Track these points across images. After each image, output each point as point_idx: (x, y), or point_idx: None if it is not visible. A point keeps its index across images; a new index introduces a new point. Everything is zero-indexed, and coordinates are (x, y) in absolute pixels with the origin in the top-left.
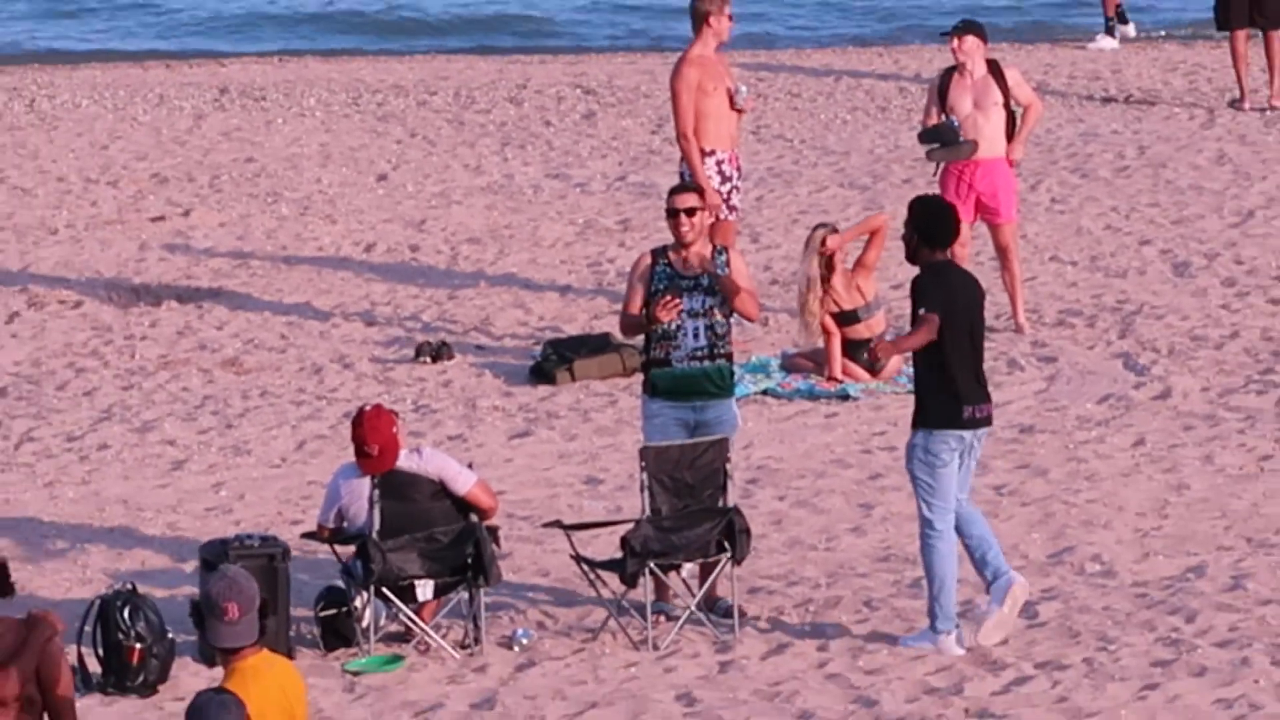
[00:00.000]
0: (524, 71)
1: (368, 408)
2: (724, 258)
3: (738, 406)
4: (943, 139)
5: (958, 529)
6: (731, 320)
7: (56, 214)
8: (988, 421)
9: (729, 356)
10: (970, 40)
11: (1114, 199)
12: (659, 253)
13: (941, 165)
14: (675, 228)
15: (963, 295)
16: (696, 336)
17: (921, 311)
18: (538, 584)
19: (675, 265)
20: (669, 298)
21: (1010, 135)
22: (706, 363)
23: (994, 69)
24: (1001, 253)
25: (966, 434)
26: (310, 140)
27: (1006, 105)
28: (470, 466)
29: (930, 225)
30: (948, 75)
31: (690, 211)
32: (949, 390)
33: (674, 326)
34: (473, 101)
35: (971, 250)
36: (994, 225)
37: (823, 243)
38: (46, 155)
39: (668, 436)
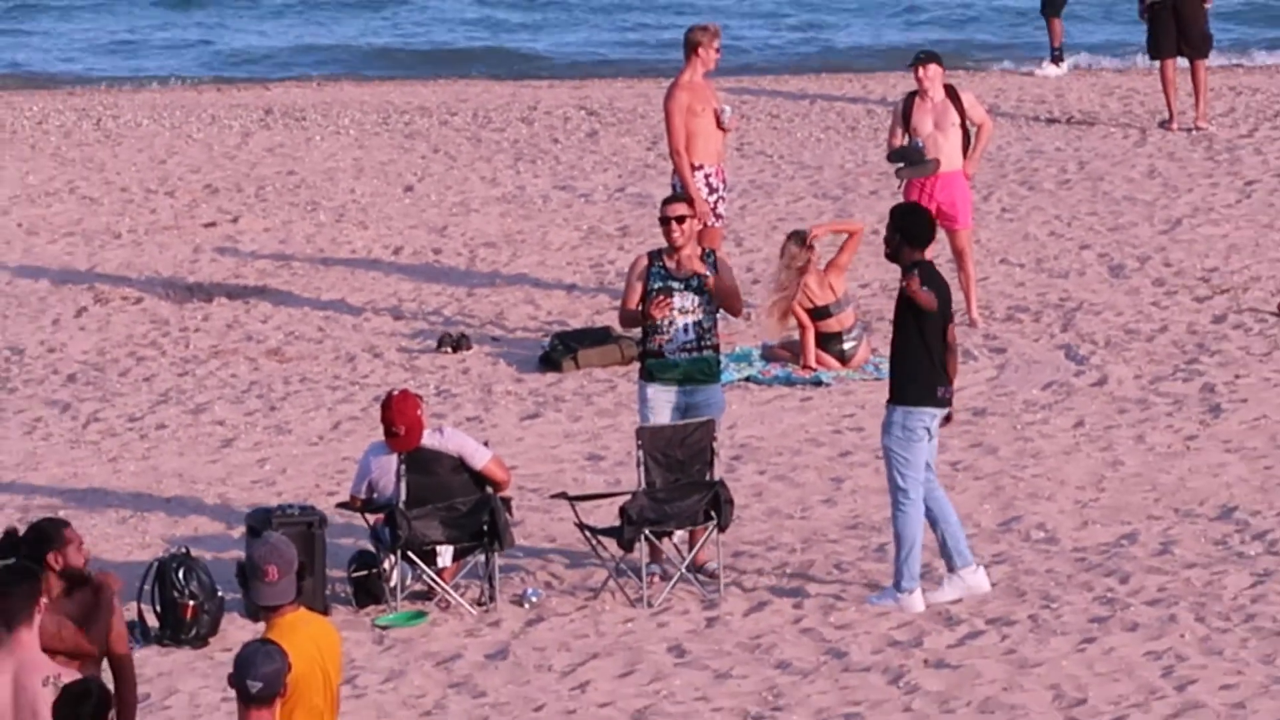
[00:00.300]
0: (534, 95)
1: (395, 392)
2: (712, 260)
3: (723, 391)
4: (909, 159)
5: (931, 517)
6: (717, 316)
7: (120, 220)
8: (950, 402)
9: (715, 348)
10: (933, 68)
11: (1057, 208)
12: (654, 255)
13: (906, 180)
14: (668, 234)
15: (943, 292)
16: (686, 331)
17: (925, 289)
18: (546, 548)
19: (668, 267)
20: (662, 298)
21: (966, 152)
22: (695, 353)
23: (951, 93)
24: (958, 255)
25: (939, 411)
26: (345, 155)
27: (963, 125)
28: (486, 444)
29: (912, 227)
30: (910, 99)
31: (680, 219)
32: (927, 372)
33: (667, 322)
34: (489, 121)
35: (932, 253)
36: (952, 231)
37: (804, 240)
38: (111, 168)
39: (661, 418)
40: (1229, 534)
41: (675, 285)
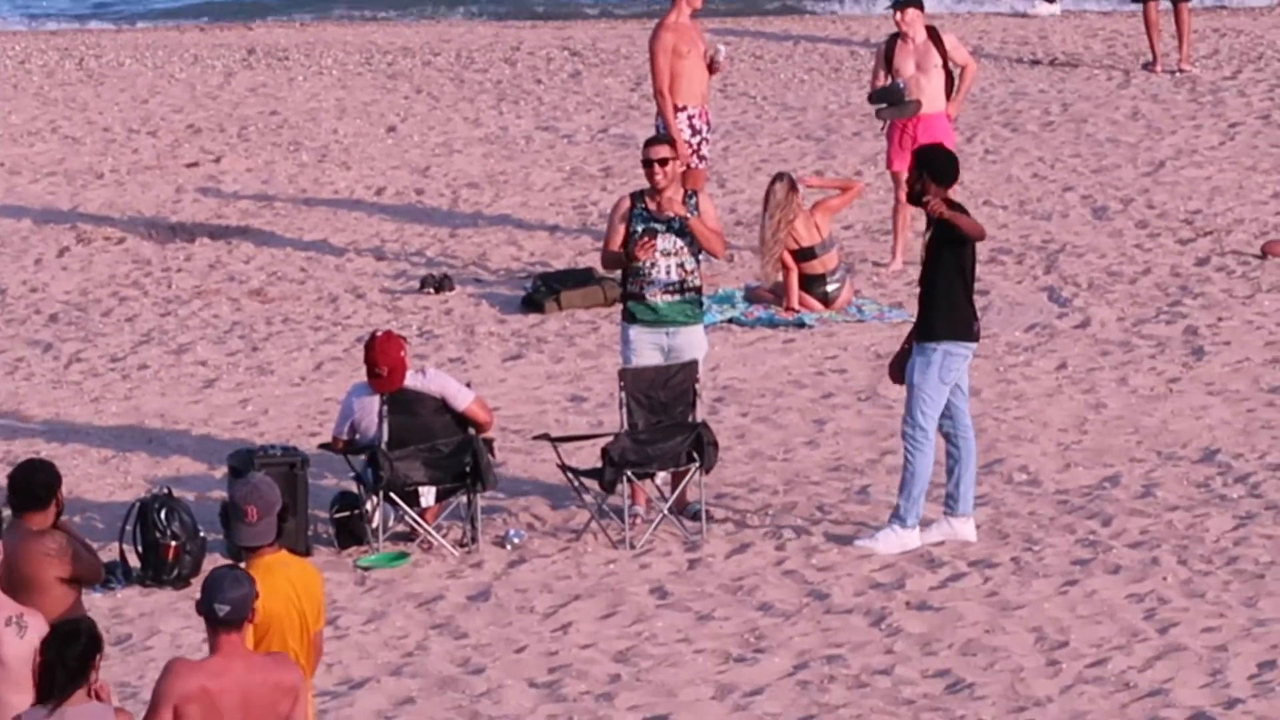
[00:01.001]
0: (517, 35)
1: (379, 333)
2: (694, 201)
3: (705, 332)
4: (890, 99)
5: (955, 454)
6: (700, 257)
7: (102, 160)
8: (980, 336)
9: (698, 289)
10: (911, 12)
11: (1040, 150)
12: (637, 196)
13: (888, 121)
14: (650, 175)
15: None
16: (669, 273)
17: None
18: (528, 490)
19: (650, 209)
20: (646, 239)
21: (949, 94)
22: (677, 295)
23: (933, 35)
24: None
25: (974, 347)
26: (328, 96)
27: (945, 67)
28: (469, 385)
29: (937, 166)
30: (892, 41)
31: (663, 161)
32: (965, 306)
33: (649, 264)
34: (472, 62)
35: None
36: None
37: (793, 185)
38: (94, 108)
39: (644, 360)
40: (1211, 476)
41: (658, 227)
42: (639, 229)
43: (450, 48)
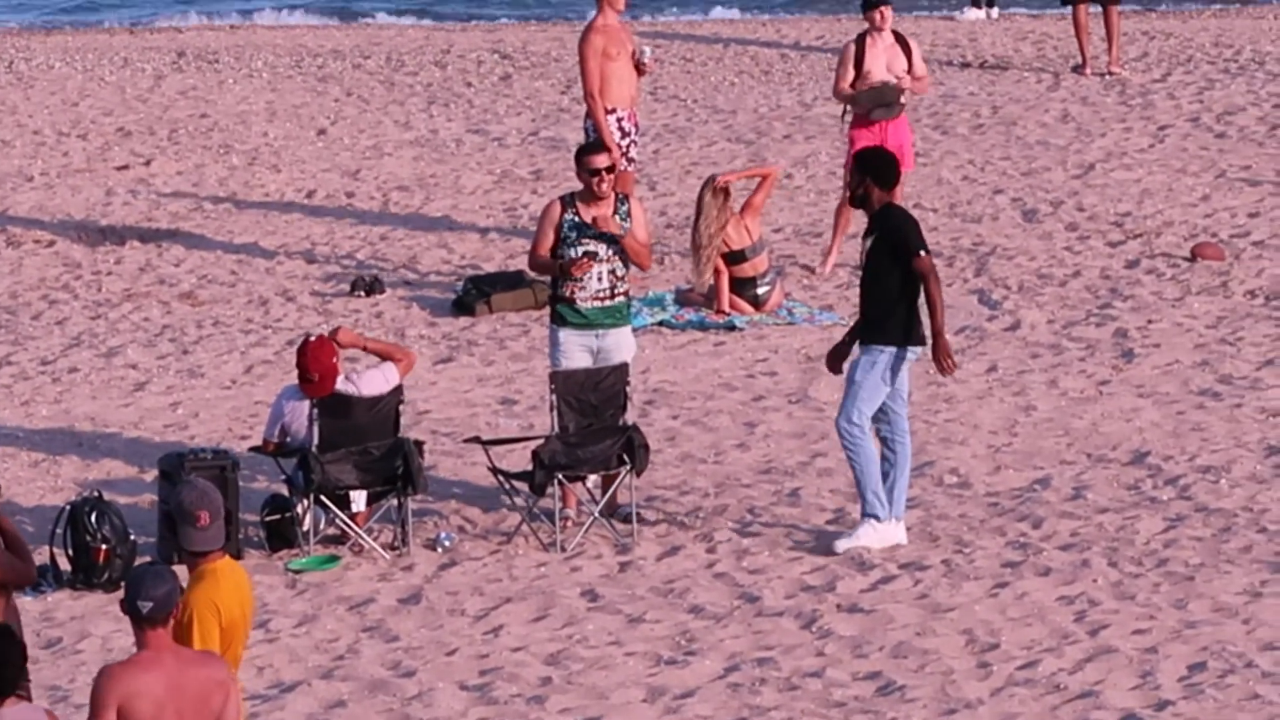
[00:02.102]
0: (447, 38)
1: (312, 338)
2: (626, 207)
3: (635, 335)
4: (884, 99)
5: (891, 458)
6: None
7: (32, 163)
8: (924, 340)
9: (626, 294)
10: (888, 10)
11: (970, 153)
12: (568, 202)
13: (849, 121)
14: (596, 185)
15: (916, 226)
16: (600, 280)
17: (922, 254)
18: (459, 493)
19: (582, 215)
20: (585, 260)
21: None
22: (607, 301)
23: (899, 38)
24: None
25: (920, 350)
26: (258, 99)
27: (909, 73)
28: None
29: (881, 171)
30: (862, 40)
31: (610, 169)
32: (912, 310)
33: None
34: (402, 65)
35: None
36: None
37: (712, 180)
38: (23, 111)
39: (573, 362)
40: (1141, 479)
41: (589, 233)
42: (573, 236)
43: (380, 50)
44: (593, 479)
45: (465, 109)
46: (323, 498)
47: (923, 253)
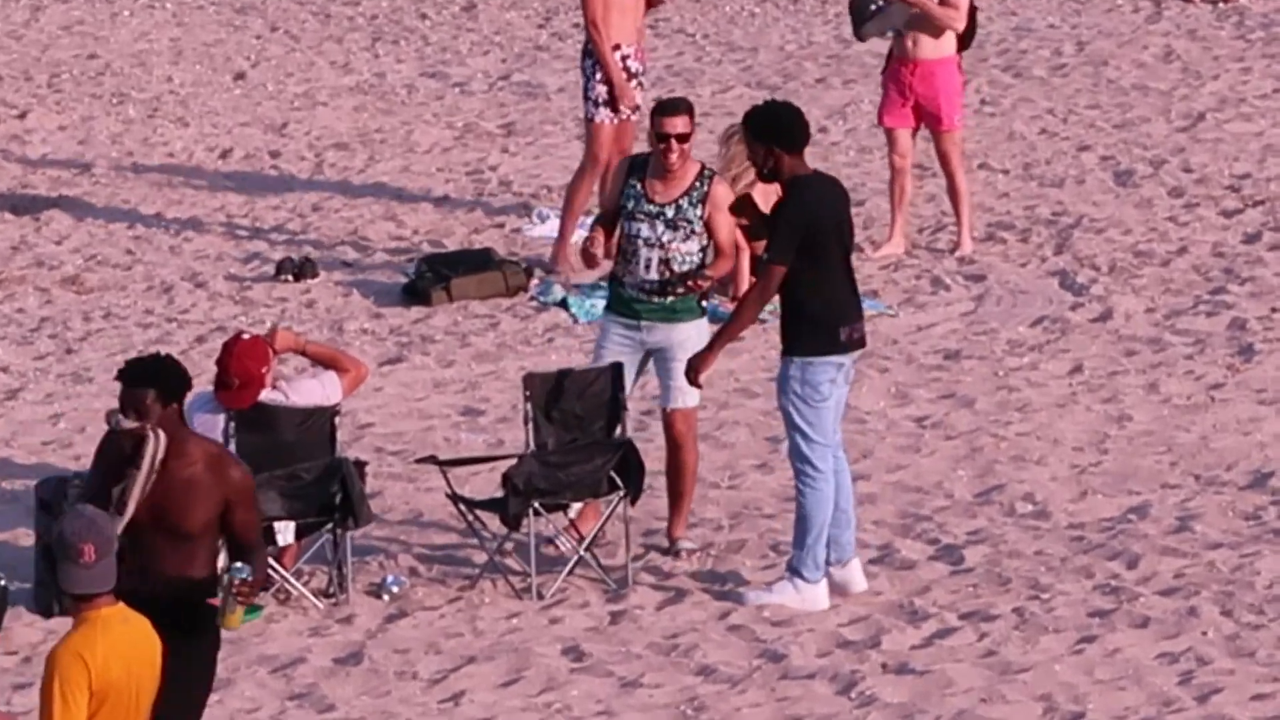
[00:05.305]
0: None
1: (245, 336)
2: (704, 189)
3: (700, 326)
4: (863, 11)
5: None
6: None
7: None
8: (863, 343)
9: (689, 293)
10: None
11: (1050, 100)
12: (638, 164)
13: (884, 46)
14: (664, 154)
15: (828, 209)
16: (648, 268)
17: (766, 258)
18: (410, 526)
19: (646, 189)
20: (592, 253)
21: (964, 40)
22: (655, 299)
23: None
24: (944, 164)
25: (845, 359)
26: (160, 35)
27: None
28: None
29: (776, 130)
30: None
31: (682, 138)
32: (823, 312)
33: (630, 249)
34: None
35: (914, 160)
36: (935, 133)
37: (732, 130)
38: None
39: (611, 357)
40: (1263, 506)
41: (649, 209)
42: (629, 205)
43: None
44: (576, 508)
45: (419, 47)
46: None
47: (777, 263)
